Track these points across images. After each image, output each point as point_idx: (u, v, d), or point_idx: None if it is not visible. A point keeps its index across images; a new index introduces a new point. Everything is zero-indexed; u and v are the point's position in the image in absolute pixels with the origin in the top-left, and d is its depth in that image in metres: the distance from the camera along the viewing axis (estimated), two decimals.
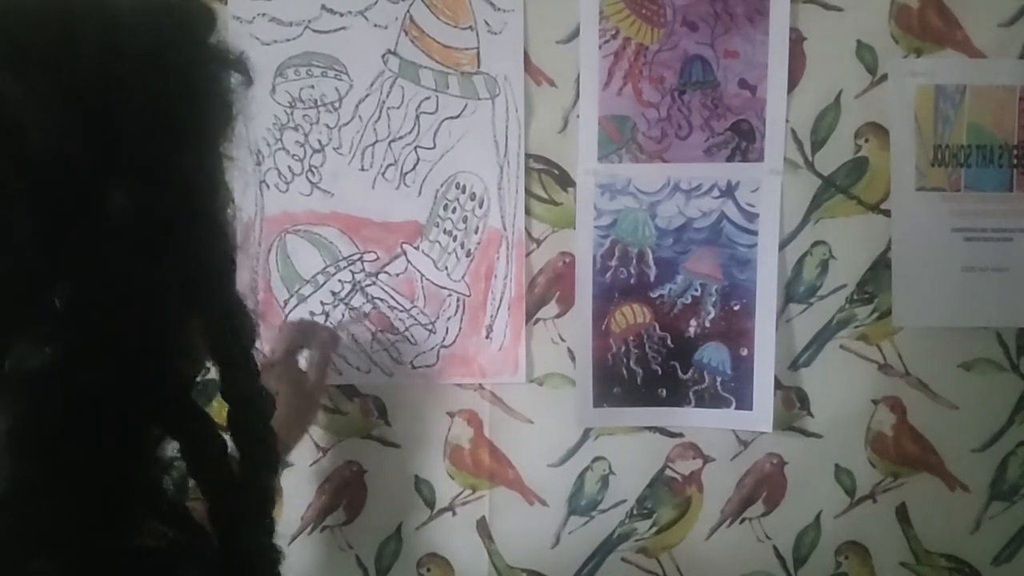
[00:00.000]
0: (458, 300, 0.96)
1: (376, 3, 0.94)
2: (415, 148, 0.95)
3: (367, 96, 0.95)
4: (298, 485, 0.98)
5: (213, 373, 0.51)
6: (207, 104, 0.47)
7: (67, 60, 0.41)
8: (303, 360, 0.91)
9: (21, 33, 0.40)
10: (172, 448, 0.48)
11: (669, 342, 0.96)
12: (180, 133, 0.44)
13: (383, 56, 0.94)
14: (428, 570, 0.99)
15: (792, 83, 0.94)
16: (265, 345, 0.87)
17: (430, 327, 0.96)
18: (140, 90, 0.42)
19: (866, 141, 0.95)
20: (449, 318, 0.96)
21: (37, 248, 0.39)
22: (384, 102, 0.95)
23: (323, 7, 0.94)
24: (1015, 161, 0.95)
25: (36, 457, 0.40)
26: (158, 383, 0.45)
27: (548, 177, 0.96)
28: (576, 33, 0.94)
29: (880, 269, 0.96)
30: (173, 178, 0.43)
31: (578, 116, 0.95)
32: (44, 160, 0.39)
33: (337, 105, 0.95)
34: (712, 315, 0.96)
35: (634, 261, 0.96)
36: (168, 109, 0.43)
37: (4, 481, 0.40)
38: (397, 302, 0.97)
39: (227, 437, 0.49)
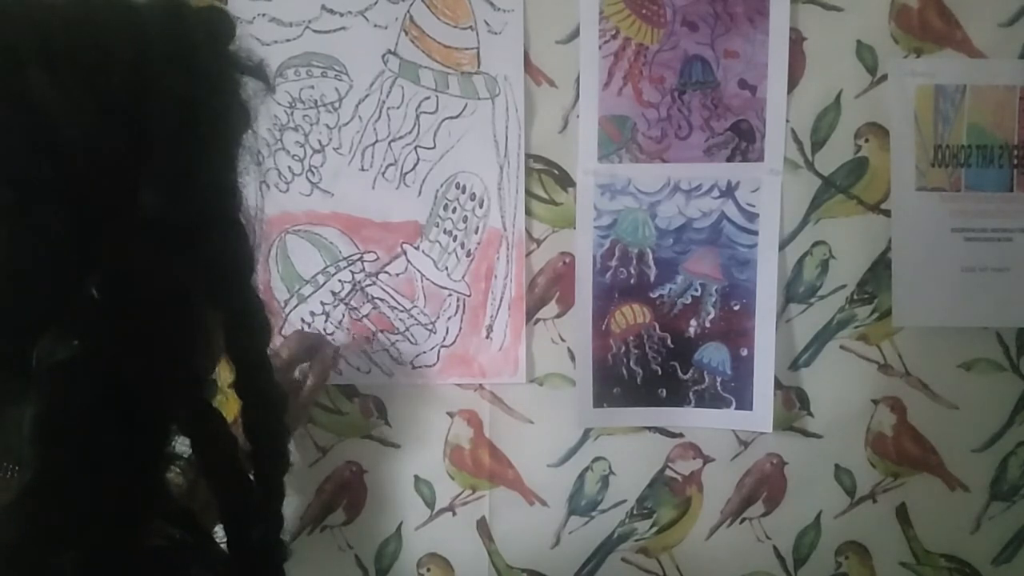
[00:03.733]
0: (458, 300, 0.96)
1: (376, 3, 0.94)
2: (415, 148, 0.95)
3: (367, 96, 0.95)
4: (298, 485, 0.98)
5: (215, 372, 0.51)
6: (230, 107, 0.48)
7: (98, 61, 0.42)
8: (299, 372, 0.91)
9: (53, 35, 0.41)
10: (175, 447, 0.48)
11: (669, 342, 0.96)
12: (206, 134, 0.45)
13: (383, 56, 0.94)
14: (428, 570, 0.99)
15: (792, 83, 0.94)
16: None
17: (430, 327, 0.96)
18: (168, 92, 0.43)
19: (866, 141, 0.95)
20: (449, 318, 0.96)
21: (68, 241, 0.40)
22: (384, 102, 0.95)
23: (323, 7, 0.94)
24: (1015, 161, 0.95)
25: (60, 449, 0.40)
26: (177, 380, 0.45)
27: (548, 177, 0.96)
28: (576, 33, 0.94)
29: (880, 269, 0.96)
30: (200, 177, 0.45)
31: (578, 116, 0.95)
32: (76, 156, 0.40)
33: (337, 105, 0.95)
34: (712, 315, 0.96)
35: (634, 261, 0.96)
36: (195, 111, 0.45)
37: (28, 472, 0.40)
38: (397, 302, 0.97)
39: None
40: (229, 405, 0.51)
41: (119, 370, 0.41)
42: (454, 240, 0.96)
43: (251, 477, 0.50)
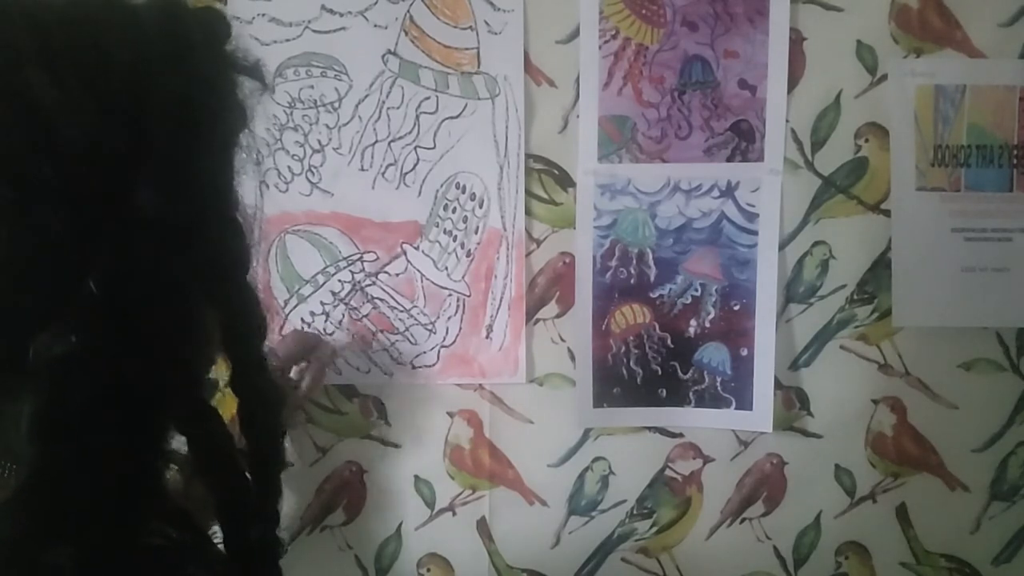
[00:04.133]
0: (458, 300, 0.96)
1: (376, 3, 0.94)
2: (415, 148, 0.95)
3: (367, 96, 0.95)
4: (298, 485, 0.98)
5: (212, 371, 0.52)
6: (226, 106, 0.48)
7: (97, 61, 0.42)
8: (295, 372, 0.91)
9: (53, 35, 0.42)
10: (171, 445, 0.48)
11: (669, 342, 0.96)
12: (203, 133, 0.46)
13: (383, 56, 0.94)
14: (428, 570, 0.99)
15: (792, 83, 0.94)
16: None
17: (430, 327, 0.96)
18: (166, 91, 0.44)
19: (866, 141, 0.95)
20: (449, 318, 0.96)
21: (67, 240, 0.41)
22: (384, 102, 0.95)
23: (323, 7, 0.94)
24: (1015, 161, 0.95)
25: (57, 446, 0.40)
26: (174, 377, 0.45)
27: (548, 177, 0.96)
28: (576, 33, 0.94)
29: (880, 269, 0.96)
30: (196, 175, 0.45)
31: (578, 116, 0.95)
32: (75, 155, 0.40)
33: (337, 105, 0.95)
34: (712, 315, 0.96)
35: (634, 261, 0.96)
36: (192, 110, 0.45)
37: (25, 469, 0.40)
38: (397, 302, 0.97)
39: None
40: (226, 403, 0.51)
41: (117, 368, 0.42)
42: (454, 240, 0.96)
43: (247, 476, 0.50)
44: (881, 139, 0.95)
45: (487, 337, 0.96)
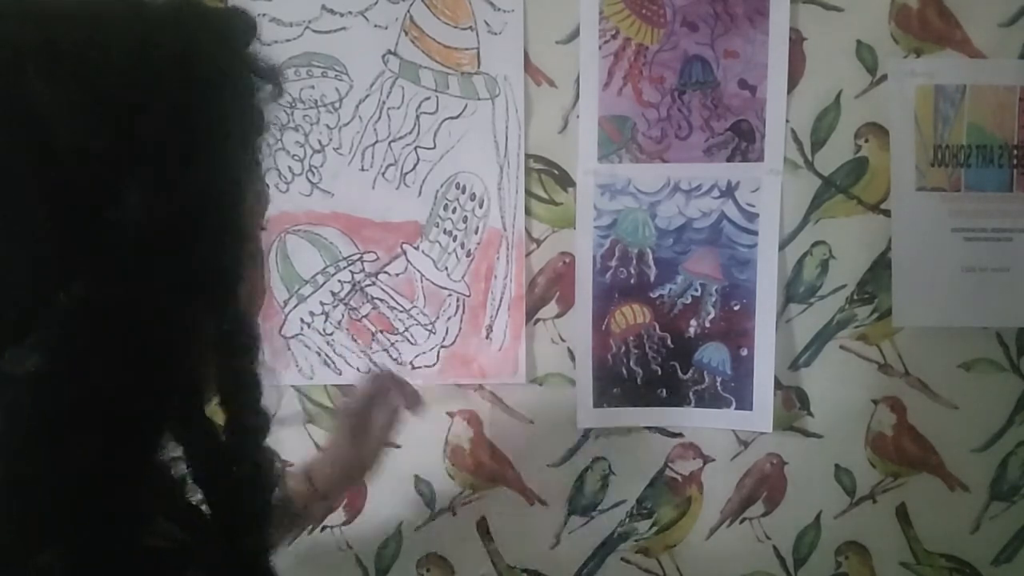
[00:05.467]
0: (458, 300, 0.96)
1: (376, 3, 0.94)
2: (415, 148, 0.95)
3: (367, 96, 0.95)
4: None
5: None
6: (236, 112, 0.47)
7: (95, 60, 0.41)
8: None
9: (51, 32, 0.41)
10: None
11: (669, 342, 0.96)
12: (204, 138, 0.44)
13: (383, 56, 0.94)
14: (428, 570, 0.99)
15: (792, 83, 0.94)
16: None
17: (430, 327, 0.96)
18: (166, 94, 0.42)
19: (866, 141, 0.95)
20: (449, 318, 0.96)
21: (52, 244, 0.40)
22: (384, 102, 0.95)
23: (323, 7, 0.94)
24: (1015, 161, 0.95)
25: (39, 449, 0.40)
26: (165, 387, 0.44)
27: (548, 177, 0.96)
28: (576, 33, 0.94)
29: (880, 269, 0.96)
30: (192, 182, 0.43)
31: (578, 116, 0.95)
32: (65, 157, 0.40)
33: (337, 105, 0.95)
34: (712, 315, 0.96)
35: (634, 261, 0.96)
36: (194, 114, 0.43)
37: (4, 472, 0.40)
38: (397, 302, 0.97)
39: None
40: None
41: (95, 376, 0.41)
42: (454, 240, 0.96)
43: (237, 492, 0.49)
44: (881, 139, 0.95)
45: (487, 337, 0.96)
